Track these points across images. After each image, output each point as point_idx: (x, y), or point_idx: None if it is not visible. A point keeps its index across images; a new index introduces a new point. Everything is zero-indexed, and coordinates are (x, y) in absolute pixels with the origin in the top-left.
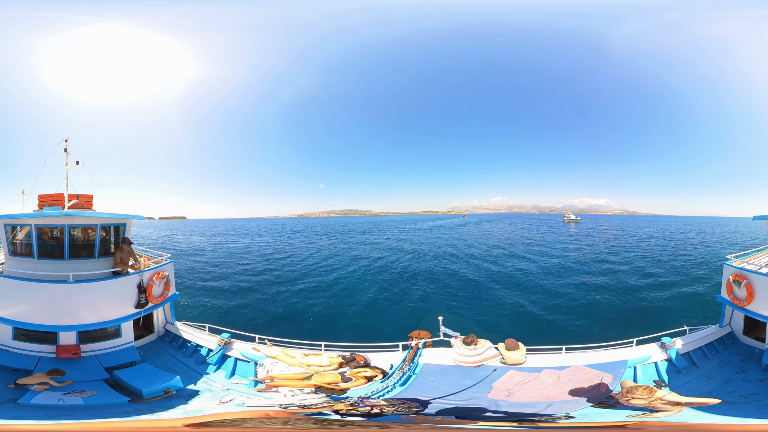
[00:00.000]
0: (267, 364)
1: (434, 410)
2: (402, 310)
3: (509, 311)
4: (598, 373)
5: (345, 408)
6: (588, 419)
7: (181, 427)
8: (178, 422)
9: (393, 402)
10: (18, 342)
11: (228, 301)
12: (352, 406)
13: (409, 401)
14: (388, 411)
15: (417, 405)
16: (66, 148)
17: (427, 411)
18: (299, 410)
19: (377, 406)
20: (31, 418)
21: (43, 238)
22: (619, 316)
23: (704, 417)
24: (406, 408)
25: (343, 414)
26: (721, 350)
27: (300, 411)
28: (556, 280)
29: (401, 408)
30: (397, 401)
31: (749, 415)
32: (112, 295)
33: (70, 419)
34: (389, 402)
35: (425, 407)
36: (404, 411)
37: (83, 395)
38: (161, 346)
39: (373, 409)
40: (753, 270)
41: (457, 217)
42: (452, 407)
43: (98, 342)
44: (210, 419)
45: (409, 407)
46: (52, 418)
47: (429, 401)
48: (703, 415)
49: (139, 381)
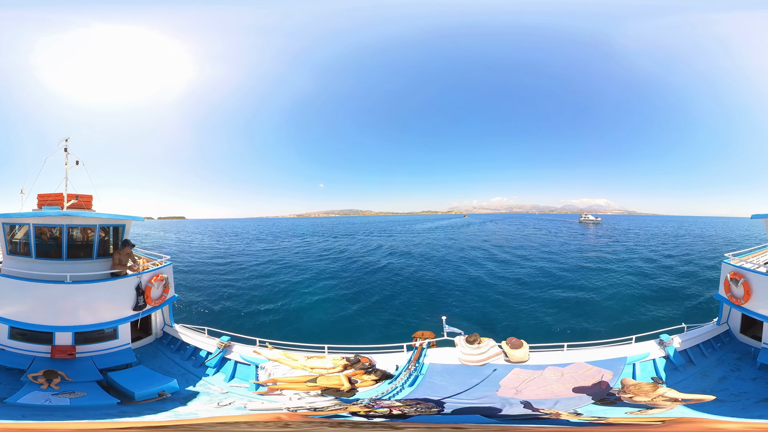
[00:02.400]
0: (269, 367)
1: (450, 410)
2: (402, 310)
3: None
4: (599, 370)
5: (362, 410)
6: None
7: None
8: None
9: (408, 402)
10: (13, 341)
11: (227, 303)
12: (368, 407)
13: (422, 401)
14: (410, 412)
15: (432, 405)
16: (66, 148)
17: (444, 411)
18: (312, 413)
19: (393, 407)
20: (12, 417)
21: (41, 238)
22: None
23: (692, 414)
24: (425, 408)
25: (363, 416)
26: (718, 348)
27: (313, 414)
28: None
29: (419, 409)
30: (411, 401)
31: (734, 413)
32: (109, 296)
33: (50, 419)
34: (404, 402)
35: (441, 407)
36: (424, 412)
37: (72, 396)
38: (159, 348)
39: (392, 410)
40: (750, 268)
41: (457, 217)
42: (469, 406)
43: (94, 343)
44: (260, 420)
45: (427, 407)
46: (34, 418)
47: (442, 401)
48: (690, 412)
49: (133, 383)
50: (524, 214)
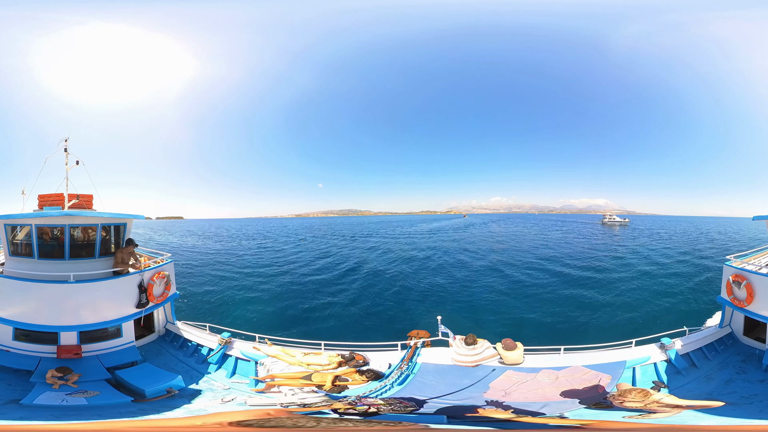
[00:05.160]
0: (267, 363)
1: (430, 409)
2: (404, 311)
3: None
4: (596, 373)
5: (343, 407)
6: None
7: (227, 425)
8: (221, 419)
9: (390, 401)
10: (18, 342)
11: (228, 300)
12: (350, 405)
13: (405, 400)
14: (385, 410)
15: (413, 404)
16: (66, 148)
17: (422, 410)
18: (299, 409)
19: (374, 405)
20: (35, 418)
21: (43, 238)
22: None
23: (705, 419)
24: (402, 407)
25: (341, 413)
26: (721, 351)
27: (299, 410)
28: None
29: (397, 407)
30: (394, 400)
31: (751, 416)
32: (112, 295)
33: (75, 419)
34: (386, 401)
35: (421, 406)
36: (400, 410)
37: (86, 395)
38: (162, 345)
39: (370, 408)
40: (753, 270)
41: (457, 217)
42: (446, 406)
43: (99, 342)
44: (253, 418)
45: (405, 406)
46: (57, 418)
47: (425, 400)
48: (704, 417)
49: (142, 381)
50: (524, 214)
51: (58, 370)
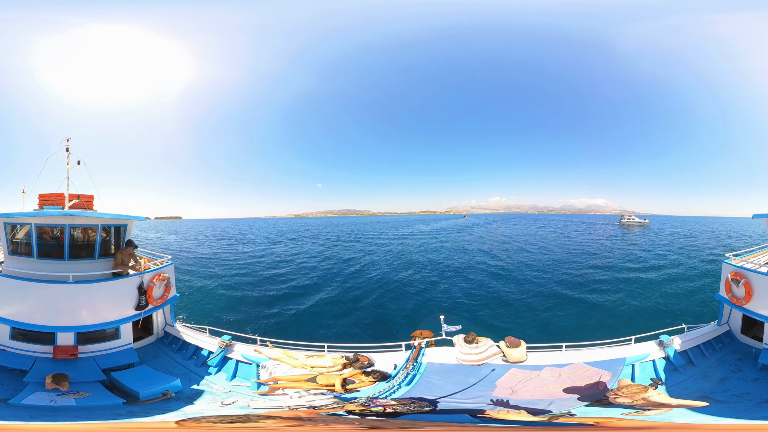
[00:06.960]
0: (270, 366)
1: (444, 409)
2: (404, 311)
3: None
4: (597, 370)
5: (357, 408)
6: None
7: (173, 424)
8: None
9: (402, 401)
10: (15, 342)
11: (228, 303)
12: (363, 406)
13: (417, 400)
14: (403, 410)
15: (427, 404)
16: (67, 148)
17: (437, 410)
18: (311, 411)
19: (389, 406)
20: (20, 418)
21: (43, 238)
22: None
23: (693, 417)
24: (417, 407)
25: (358, 414)
26: (718, 349)
27: (311, 412)
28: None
29: (413, 407)
30: (406, 400)
31: (737, 415)
32: (111, 296)
33: (60, 420)
34: (398, 401)
35: (435, 406)
36: (417, 410)
37: (77, 396)
38: (160, 348)
39: (385, 409)
40: (751, 269)
41: (457, 217)
42: (462, 407)
43: (96, 343)
44: (202, 415)
45: (420, 406)
46: (42, 419)
47: (437, 400)
48: (691, 415)
49: (137, 383)
50: (523, 214)
51: (54, 378)
